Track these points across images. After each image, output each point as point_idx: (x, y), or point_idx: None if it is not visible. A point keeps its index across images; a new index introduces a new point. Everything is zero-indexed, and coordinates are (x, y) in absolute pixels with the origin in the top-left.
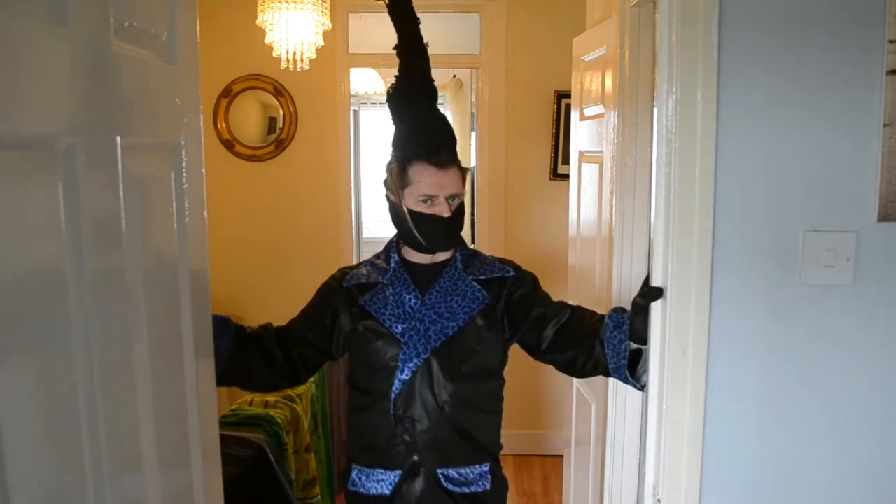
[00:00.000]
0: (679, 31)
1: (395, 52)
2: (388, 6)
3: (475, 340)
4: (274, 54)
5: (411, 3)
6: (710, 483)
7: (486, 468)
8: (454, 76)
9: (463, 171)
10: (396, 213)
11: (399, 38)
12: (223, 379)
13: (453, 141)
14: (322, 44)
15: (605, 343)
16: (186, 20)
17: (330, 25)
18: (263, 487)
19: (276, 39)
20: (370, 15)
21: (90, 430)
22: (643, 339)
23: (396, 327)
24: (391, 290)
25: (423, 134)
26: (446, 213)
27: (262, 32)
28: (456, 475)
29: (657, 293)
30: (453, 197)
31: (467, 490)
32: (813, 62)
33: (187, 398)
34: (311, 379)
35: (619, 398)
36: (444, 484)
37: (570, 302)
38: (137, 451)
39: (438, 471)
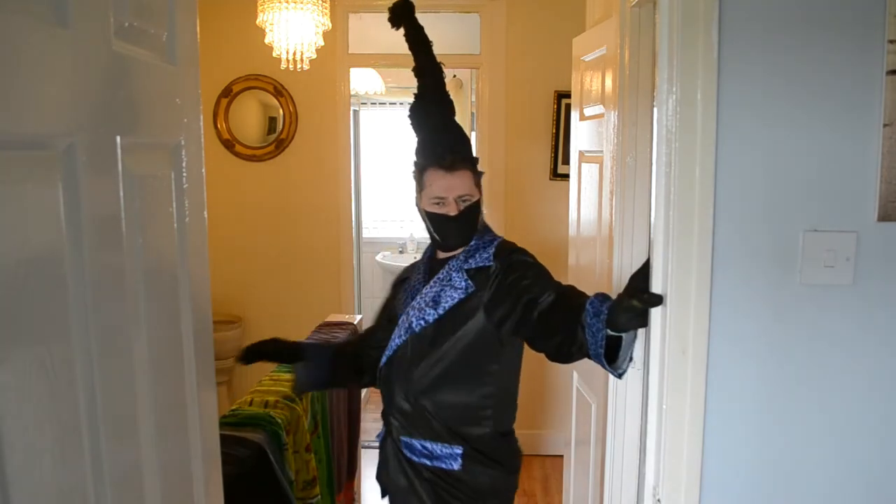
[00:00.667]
0: (679, 31)
1: (412, 72)
2: (405, 35)
3: (451, 329)
4: (274, 54)
5: (423, 30)
6: (710, 483)
7: (457, 451)
8: (454, 76)
9: (476, 175)
10: (421, 216)
11: (415, 61)
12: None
13: (464, 147)
14: (322, 44)
15: (586, 329)
16: (186, 20)
17: (330, 25)
18: (263, 487)
19: (276, 39)
20: (370, 15)
21: (90, 429)
22: (622, 331)
23: (402, 315)
24: (411, 283)
25: (433, 143)
26: (453, 212)
27: (262, 32)
28: (419, 447)
29: (657, 300)
30: (463, 198)
31: (427, 462)
32: (813, 62)
33: (187, 398)
34: None
35: (619, 398)
36: (404, 451)
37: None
38: (138, 452)
39: (402, 438)
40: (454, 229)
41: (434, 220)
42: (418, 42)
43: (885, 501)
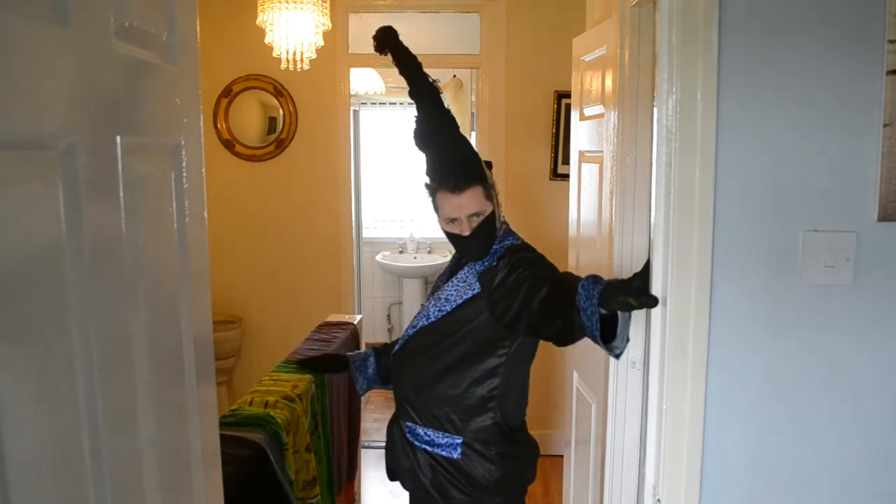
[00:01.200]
0: (679, 31)
1: (408, 95)
2: (393, 61)
3: (457, 325)
4: (274, 54)
5: (409, 51)
6: (710, 483)
7: (457, 440)
8: (454, 76)
9: (487, 188)
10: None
11: (408, 84)
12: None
13: (468, 165)
14: (322, 44)
15: (581, 311)
16: (186, 20)
17: (330, 25)
18: (263, 487)
19: (276, 39)
20: (370, 15)
21: (90, 429)
22: (614, 313)
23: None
24: (438, 281)
25: (438, 165)
26: (466, 232)
27: (262, 32)
28: (421, 432)
29: (654, 302)
30: (476, 214)
31: (429, 449)
32: (813, 62)
33: (187, 398)
34: (311, 379)
35: (619, 398)
36: (408, 436)
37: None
38: (137, 452)
39: (406, 424)
40: (470, 247)
41: (452, 239)
42: (408, 65)
43: (886, 502)
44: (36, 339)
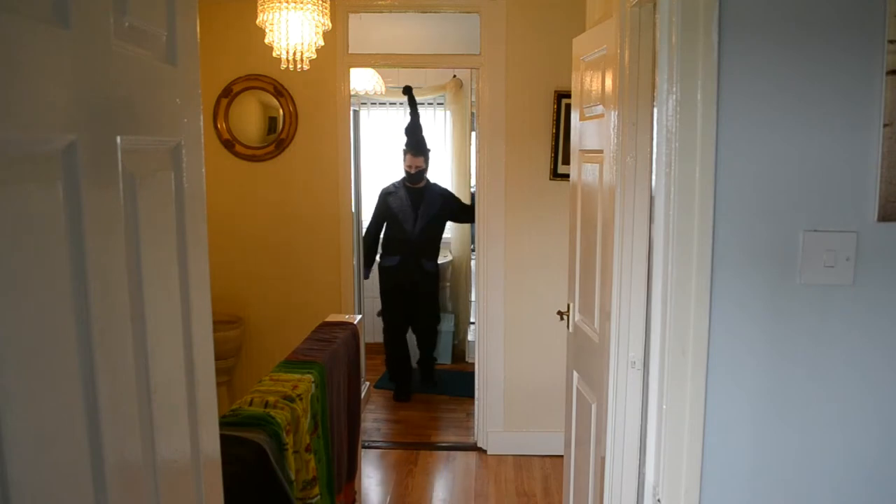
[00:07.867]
0: (679, 31)
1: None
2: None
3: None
4: (274, 54)
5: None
6: (710, 483)
7: None
8: (454, 76)
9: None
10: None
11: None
12: None
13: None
14: (322, 44)
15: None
16: (186, 20)
17: (330, 25)
18: (263, 487)
19: (276, 39)
20: (370, 15)
21: (89, 429)
22: None
23: None
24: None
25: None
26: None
27: (262, 32)
28: None
29: None
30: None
31: None
32: (813, 62)
33: (187, 398)
34: (312, 379)
35: (619, 398)
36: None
37: (569, 303)
38: (137, 452)
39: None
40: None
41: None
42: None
43: (886, 500)
44: (36, 340)
